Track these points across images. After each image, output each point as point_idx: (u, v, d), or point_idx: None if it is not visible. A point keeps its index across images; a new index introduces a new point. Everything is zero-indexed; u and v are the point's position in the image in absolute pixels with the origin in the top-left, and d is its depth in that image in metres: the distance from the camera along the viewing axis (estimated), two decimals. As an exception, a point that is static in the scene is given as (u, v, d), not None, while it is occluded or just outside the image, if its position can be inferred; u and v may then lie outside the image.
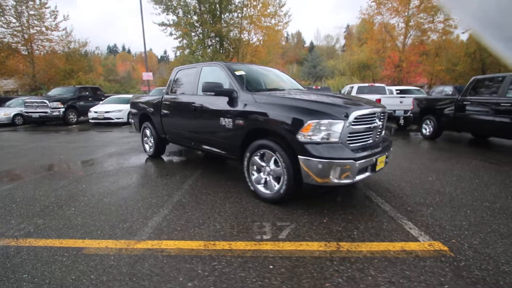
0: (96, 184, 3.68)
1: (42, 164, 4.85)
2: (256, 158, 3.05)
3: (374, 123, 2.86)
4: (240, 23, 20.87)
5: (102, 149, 6.17)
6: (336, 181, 2.52)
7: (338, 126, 2.53)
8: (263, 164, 3.01)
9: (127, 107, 11.02)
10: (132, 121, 5.91)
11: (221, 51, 18.74)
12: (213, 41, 20.10)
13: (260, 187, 3.06)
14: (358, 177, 2.62)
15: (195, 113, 3.87)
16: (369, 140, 2.86)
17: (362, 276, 1.77)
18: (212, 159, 5.16)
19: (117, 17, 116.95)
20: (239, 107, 3.16)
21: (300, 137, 2.57)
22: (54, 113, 10.23)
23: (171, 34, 19.85)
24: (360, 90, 10.84)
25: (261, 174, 3.07)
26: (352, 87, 11.41)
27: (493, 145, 6.38)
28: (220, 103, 3.44)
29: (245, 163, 3.14)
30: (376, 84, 11.64)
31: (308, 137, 2.54)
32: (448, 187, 3.44)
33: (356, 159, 2.53)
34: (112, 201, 3.07)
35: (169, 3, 17.73)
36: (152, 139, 5.17)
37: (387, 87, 11.48)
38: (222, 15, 20.04)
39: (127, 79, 32.11)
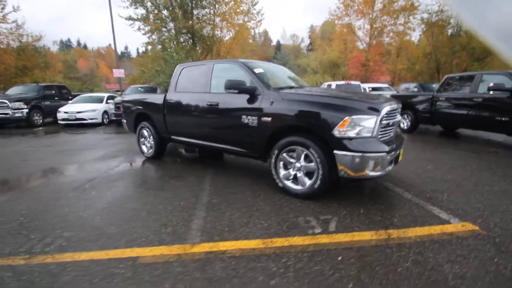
0: (107, 189, 3.40)
1: (30, 171, 4.33)
2: (285, 155, 3.08)
3: (396, 117, 3.07)
4: (212, 20, 20.51)
5: (88, 152, 5.68)
6: (371, 173, 2.67)
7: (371, 121, 2.67)
8: (292, 160, 3.05)
9: (101, 107, 10.32)
10: (124, 121, 5.53)
11: (196, 48, 18.22)
12: (186, 37, 19.46)
13: (289, 183, 3.10)
14: (388, 169, 2.80)
15: (209, 111, 3.77)
16: (391, 134, 3.06)
17: (424, 259, 1.91)
18: (212, 158, 5.06)
19: (70, 9, 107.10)
20: (265, 104, 3.16)
21: (337, 133, 2.66)
22: (16, 115, 9.11)
23: (139, 29, 18.81)
24: (338, 88, 11.36)
25: (290, 170, 3.11)
26: (331, 85, 11.91)
27: (461, 136, 7.16)
28: (240, 100, 3.39)
29: (273, 160, 3.16)
30: (352, 82, 12.30)
31: (344, 133, 2.65)
32: (448, 175, 3.81)
33: (388, 152, 2.70)
34: (137, 206, 2.87)
35: (138, -4, 16.74)
36: (151, 139, 4.91)
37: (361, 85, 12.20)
38: (194, 11, 19.49)
39: (90, 76, 29.51)
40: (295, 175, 3.07)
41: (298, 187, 3.04)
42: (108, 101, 11.00)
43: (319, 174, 2.82)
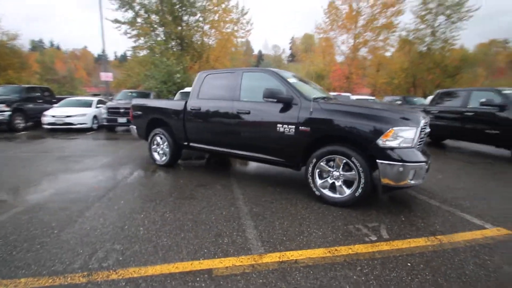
0: (134, 199, 3.24)
1: (37, 179, 4.00)
2: (323, 164, 3.15)
3: (427, 128, 3.26)
4: (201, 27, 20.49)
5: (91, 159, 5.37)
6: (412, 182, 2.81)
7: (412, 132, 2.82)
8: (331, 169, 3.12)
9: (91, 111, 9.85)
10: (134, 127, 5.32)
11: (185, 55, 18.03)
12: (174, 43, 19.21)
13: (327, 192, 3.16)
14: (424, 178, 2.96)
15: (239, 119, 3.75)
16: (423, 144, 3.24)
17: (482, 262, 2.04)
18: (225, 164, 5.02)
19: (42, 9, 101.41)
20: (303, 114, 3.22)
21: (381, 143, 2.78)
22: (-2, 117, 8.37)
23: (125, 33, 18.29)
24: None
25: (328, 179, 3.17)
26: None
27: (448, 147, 7.67)
28: (275, 109, 3.43)
29: (310, 169, 3.21)
30: (343, 94, 12.81)
31: (387, 143, 2.77)
32: (460, 184, 4.09)
33: (426, 162, 2.86)
34: (177, 216, 2.77)
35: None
36: (165, 146, 4.76)
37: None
38: (183, 17, 19.36)
39: (69, 79, 27.82)
40: (333, 183, 3.14)
41: (337, 195, 3.10)
42: (98, 105, 10.48)
43: (360, 182, 2.91)
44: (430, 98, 12.79)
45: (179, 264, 1.95)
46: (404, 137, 2.79)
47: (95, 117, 9.92)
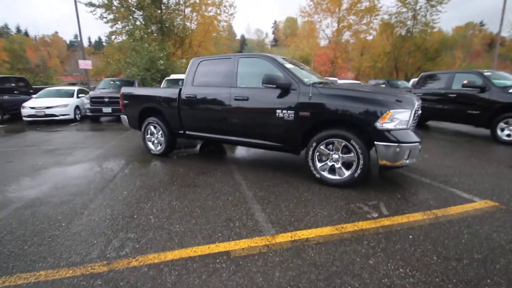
0: (137, 189, 3.23)
1: (27, 173, 3.86)
2: (322, 147, 3.25)
3: (419, 111, 3.42)
4: (182, 10, 19.72)
5: (82, 151, 5.21)
6: (407, 162, 2.98)
7: (407, 114, 2.96)
8: (331, 152, 3.23)
9: (73, 101, 9.46)
10: (125, 117, 5.18)
11: (167, 40, 17.38)
12: (154, 27, 18.41)
13: (326, 174, 3.29)
14: (417, 157, 3.13)
15: (236, 106, 3.75)
16: (415, 126, 3.40)
17: (475, 231, 2.25)
18: (220, 152, 5.05)
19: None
20: (303, 99, 3.27)
21: (378, 125, 2.90)
22: (-29, 110, 7.83)
23: (102, 17, 17.30)
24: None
25: (327, 162, 3.29)
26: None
27: (432, 127, 8.05)
28: (273, 95, 3.46)
29: (310, 152, 3.31)
30: (330, 78, 12.94)
31: (385, 125, 2.90)
32: (446, 162, 4.35)
33: (420, 142, 3.03)
34: (185, 203, 2.81)
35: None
36: (159, 135, 4.70)
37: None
38: (163, 0, 18.50)
39: (43, 67, 26.01)
40: (332, 166, 3.27)
41: (336, 177, 3.24)
42: (80, 95, 10.02)
43: (359, 164, 3.04)
44: (413, 81, 13.22)
45: (196, 248, 2.01)
46: (400, 119, 2.93)
47: (77, 107, 9.51)
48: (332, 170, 3.29)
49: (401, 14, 22.75)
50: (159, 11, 17.89)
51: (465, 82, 6.19)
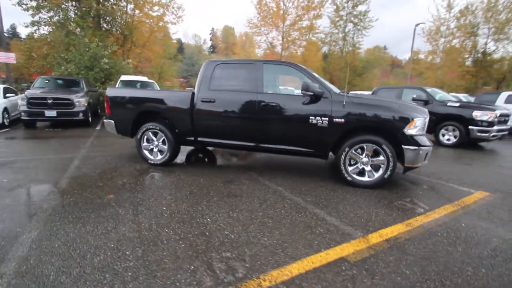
0: (176, 207, 2.85)
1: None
2: (354, 152, 3.52)
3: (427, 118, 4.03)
4: (123, 6, 17.94)
5: (51, 164, 4.22)
6: (425, 162, 3.50)
7: (425, 121, 3.49)
8: (361, 156, 3.52)
9: (0, 102, 7.51)
10: (111, 121, 4.43)
11: (109, 36, 15.45)
12: (91, 21, 16.15)
13: (357, 177, 3.56)
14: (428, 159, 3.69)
15: (265, 112, 3.71)
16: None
17: (491, 214, 2.81)
18: (210, 158, 4.87)
19: None
20: (336, 107, 3.48)
21: (406, 131, 3.33)
22: None
23: (20, 3, 14.25)
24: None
25: (358, 165, 3.56)
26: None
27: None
28: (305, 102, 3.58)
29: (343, 157, 3.53)
30: (288, 88, 13.69)
31: (410, 131, 3.35)
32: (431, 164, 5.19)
33: (431, 146, 3.59)
34: (247, 215, 2.63)
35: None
36: (160, 143, 4.22)
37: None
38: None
39: None
40: (362, 169, 3.56)
41: (366, 179, 3.53)
42: (7, 94, 7.99)
43: (389, 166, 3.41)
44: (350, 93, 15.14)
45: (311, 259, 1.94)
46: (420, 126, 3.42)
47: (5, 110, 7.57)
48: (360, 173, 3.58)
49: (333, 34, 26.02)
50: (96, 4, 15.80)
51: (414, 96, 7.51)
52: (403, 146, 3.35)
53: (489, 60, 24.69)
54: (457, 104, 6.99)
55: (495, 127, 6.47)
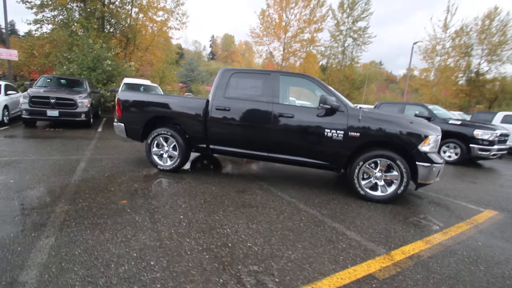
0: (192, 215, 2.80)
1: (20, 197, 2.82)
2: (367, 166, 3.54)
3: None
4: (129, 10, 18.02)
5: (57, 165, 4.13)
6: (437, 179, 3.54)
7: (437, 138, 3.54)
8: (374, 170, 3.55)
9: (1, 100, 7.37)
10: (122, 125, 4.38)
11: (112, 38, 15.43)
12: (98, 23, 16.13)
13: (370, 191, 3.57)
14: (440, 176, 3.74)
15: (280, 123, 3.72)
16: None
17: (501, 235, 2.83)
18: (217, 166, 4.84)
19: None
20: (352, 121, 3.52)
21: (421, 148, 3.37)
22: None
23: (24, 1, 14.18)
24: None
25: (371, 179, 3.58)
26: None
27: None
28: (321, 115, 3.61)
29: (356, 171, 3.54)
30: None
31: (424, 148, 3.39)
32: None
33: (443, 163, 3.64)
34: (266, 227, 2.60)
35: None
36: (171, 149, 4.18)
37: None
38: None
39: None
40: (376, 183, 3.57)
41: (380, 194, 3.55)
42: (8, 92, 7.85)
43: (403, 181, 3.43)
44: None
45: (338, 275, 1.91)
46: (433, 143, 3.47)
47: (5, 107, 7.42)
48: (372, 187, 3.59)
49: (333, 48, 26.58)
50: (101, 6, 15.83)
51: (417, 112, 7.65)
52: (417, 163, 3.39)
53: (482, 80, 25.50)
54: (459, 122, 7.15)
55: (495, 146, 6.62)
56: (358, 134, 3.51)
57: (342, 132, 3.54)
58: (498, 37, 22.95)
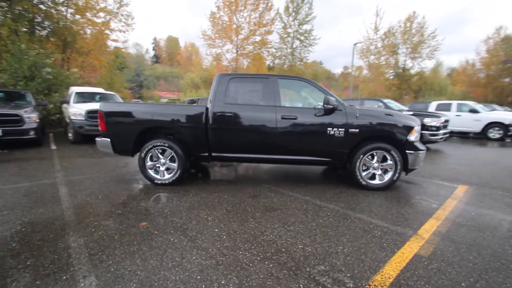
0: (225, 227, 2.71)
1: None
2: (366, 158, 3.88)
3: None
4: (61, 11, 16.00)
5: (49, 193, 3.52)
6: (421, 164, 4.06)
7: (419, 129, 4.06)
8: (372, 161, 3.90)
9: None
10: (107, 140, 3.92)
11: (48, 42, 13.47)
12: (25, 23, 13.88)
13: (370, 181, 3.92)
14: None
15: (285, 125, 3.81)
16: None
17: (483, 204, 3.43)
18: (204, 171, 4.80)
19: None
20: (351, 119, 3.81)
21: (409, 138, 3.84)
22: None
23: None
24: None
25: (370, 170, 3.93)
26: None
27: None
28: (320, 114, 3.82)
29: (357, 164, 3.85)
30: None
31: (411, 138, 3.87)
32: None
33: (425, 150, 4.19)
34: (309, 227, 2.67)
35: None
36: (168, 160, 3.93)
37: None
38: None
39: None
40: (374, 173, 3.93)
41: (377, 182, 3.92)
42: None
43: (397, 169, 3.85)
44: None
45: (394, 260, 2.09)
46: (417, 132, 3.98)
47: None
48: (371, 177, 3.95)
49: (282, 50, 27.79)
50: (31, 6, 13.71)
51: (376, 106, 8.56)
52: (407, 151, 3.84)
53: (408, 75, 29.56)
54: (411, 113, 8.22)
55: (441, 131, 7.82)
56: (357, 130, 3.81)
57: (343, 129, 3.80)
58: (418, 37, 26.88)
